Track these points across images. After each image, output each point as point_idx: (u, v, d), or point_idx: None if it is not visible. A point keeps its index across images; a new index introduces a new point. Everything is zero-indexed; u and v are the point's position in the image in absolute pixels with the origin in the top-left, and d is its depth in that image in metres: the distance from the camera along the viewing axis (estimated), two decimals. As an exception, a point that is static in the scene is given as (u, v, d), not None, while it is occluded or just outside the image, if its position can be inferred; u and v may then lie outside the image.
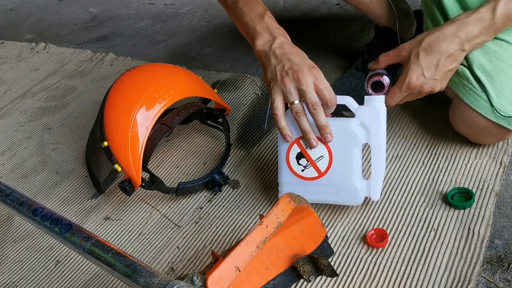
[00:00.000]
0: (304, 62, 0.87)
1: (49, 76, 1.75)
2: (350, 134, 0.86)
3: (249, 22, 0.96)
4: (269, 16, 0.95)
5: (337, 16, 1.60)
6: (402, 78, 0.88)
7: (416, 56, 0.87)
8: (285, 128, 0.88)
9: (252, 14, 0.96)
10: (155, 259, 0.96)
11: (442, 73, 0.87)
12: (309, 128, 0.86)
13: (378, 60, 0.93)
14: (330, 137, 0.86)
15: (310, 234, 0.76)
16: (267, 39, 0.92)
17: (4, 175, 1.29)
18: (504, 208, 0.89)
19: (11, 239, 1.10)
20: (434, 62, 0.86)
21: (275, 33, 0.92)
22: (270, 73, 0.89)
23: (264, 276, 0.70)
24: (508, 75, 0.89)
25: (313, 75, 0.85)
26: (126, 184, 0.98)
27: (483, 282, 0.78)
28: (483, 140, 0.98)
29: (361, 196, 0.90)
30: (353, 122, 0.87)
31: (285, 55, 0.88)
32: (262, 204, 1.02)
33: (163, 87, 1.05)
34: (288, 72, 0.86)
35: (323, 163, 0.89)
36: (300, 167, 0.91)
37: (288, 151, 0.90)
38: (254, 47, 0.94)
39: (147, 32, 1.95)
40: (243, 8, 0.97)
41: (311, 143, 0.87)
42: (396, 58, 0.91)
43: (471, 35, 0.86)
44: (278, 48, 0.90)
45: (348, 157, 0.87)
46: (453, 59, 0.87)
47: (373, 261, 0.85)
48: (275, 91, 0.87)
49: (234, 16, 1.01)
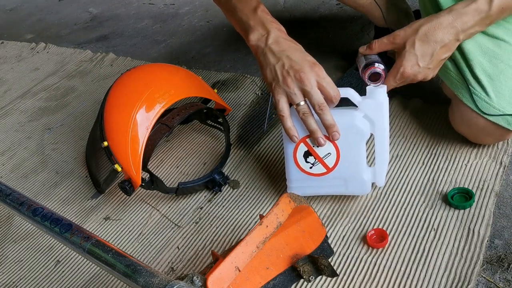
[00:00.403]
0: (304, 59, 0.86)
1: (49, 76, 1.75)
2: (356, 129, 0.86)
3: (242, 17, 0.94)
4: (262, 10, 0.93)
5: (337, 16, 1.60)
6: (396, 66, 0.88)
7: (412, 45, 0.86)
8: (292, 129, 0.87)
9: (245, 9, 0.94)
10: (155, 259, 0.96)
11: (436, 62, 0.88)
12: (316, 127, 0.86)
13: (370, 46, 0.91)
14: (337, 135, 0.86)
15: (310, 234, 0.76)
16: (261, 33, 0.90)
17: (4, 175, 1.29)
18: (504, 208, 0.89)
19: (11, 239, 1.10)
20: (429, 51, 0.86)
21: (269, 26, 0.90)
22: (270, 72, 0.87)
23: (264, 276, 0.70)
24: (507, 75, 0.89)
25: (315, 73, 0.84)
26: (126, 184, 0.98)
27: (483, 282, 0.78)
28: (483, 140, 0.98)
29: (368, 186, 0.92)
30: (358, 116, 0.86)
31: (283, 52, 0.87)
32: (262, 204, 1.02)
33: (163, 87, 1.05)
34: (289, 71, 0.84)
35: (331, 159, 0.89)
36: (308, 164, 0.91)
37: (295, 150, 0.90)
38: (248, 41, 0.92)
39: (147, 32, 1.95)
40: (236, 4, 0.95)
41: (320, 142, 0.86)
42: (390, 45, 0.89)
43: (466, 25, 0.85)
44: (274, 44, 0.88)
45: (355, 151, 0.88)
46: (447, 49, 0.87)
47: (373, 261, 0.85)
48: (278, 92, 0.86)
49: (227, 13, 0.99)
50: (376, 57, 0.91)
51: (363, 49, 0.93)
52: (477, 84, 0.90)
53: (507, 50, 0.90)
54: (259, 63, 0.91)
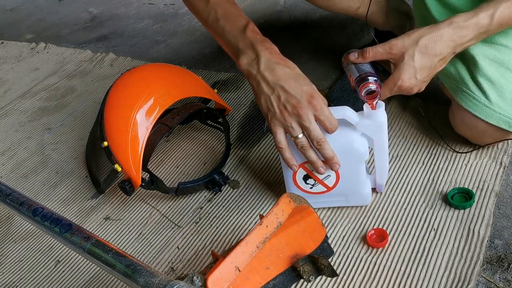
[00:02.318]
0: (300, 90, 0.81)
1: (49, 76, 1.75)
2: (355, 151, 0.85)
3: (231, 39, 0.89)
4: (251, 29, 0.88)
5: (337, 16, 1.60)
6: (393, 78, 0.84)
7: (411, 57, 0.82)
8: (291, 159, 0.86)
9: (233, 31, 0.89)
10: (155, 259, 0.96)
11: (432, 75, 0.86)
12: (316, 158, 0.85)
13: (364, 55, 0.86)
14: (337, 166, 0.85)
15: (310, 234, 0.76)
16: (251, 57, 0.85)
17: (4, 175, 1.29)
18: (504, 208, 0.89)
19: (11, 239, 1.10)
20: (428, 64, 0.83)
21: (259, 49, 0.84)
22: (265, 102, 0.83)
23: (264, 276, 0.70)
24: (508, 79, 0.89)
25: (313, 107, 0.80)
26: (126, 184, 0.98)
27: (483, 282, 0.78)
28: (484, 141, 0.98)
29: (369, 197, 0.93)
30: (356, 137, 0.85)
31: (277, 81, 0.82)
32: (262, 204, 1.02)
33: (163, 87, 1.05)
34: (286, 106, 0.81)
35: (330, 180, 0.90)
36: (308, 185, 0.91)
37: (294, 174, 0.90)
38: (238, 66, 0.87)
39: (147, 32, 1.95)
40: (225, 25, 0.90)
41: (320, 171, 0.86)
42: (385, 55, 0.85)
43: (465, 39, 0.84)
44: (267, 71, 0.83)
45: (355, 171, 0.88)
46: (444, 61, 0.86)
47: (373, 261, 0.85)
48: (275, 124, 0.83)
49: (216, 36, 0.94)
50: (368, 67, 0.86)
51: (354, 57, 0.88)
52: (477, 88, 0.90)
53: (507, 54, 0.90)
54: (252, 88, 0.87)
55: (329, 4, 1.19)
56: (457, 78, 0.93)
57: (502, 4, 0.82)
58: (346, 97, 1.22)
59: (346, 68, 0.90)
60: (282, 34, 1.63)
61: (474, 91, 0.90)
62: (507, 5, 0.82)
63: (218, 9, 0.92)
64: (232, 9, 0.92)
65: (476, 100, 0.90)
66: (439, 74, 0.92)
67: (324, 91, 1.26)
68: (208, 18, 0.94)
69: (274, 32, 1.63)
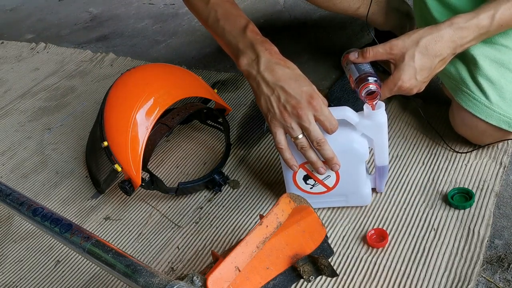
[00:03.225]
0: (300, 90, 0.81)
1: (49, 76, 1.75)
2: (355, 152, 0.85)
3: (231, 40, 0.89)
4: (252, 30, 0.88)
5: (337, 16, 1.60)
6: (393, 79, 0.84)
7: (411, 57, 0.82)
8: (291, 159, 0.86)
9: (233, 31, 0.89)
10: (155, 259, 0.96)
11: (431, 76, 0.86)
12: (316, 159, 0.85)
13: (364, 55, 0.86)
14: (337, 167, 0.85)
15: (310, 234, 0.76)
16: (251, 58, 0.85)
17: (4, 175, 1.29)
18: (504, 208, 0.89)
19: (11, 239, 1.10)
20: (428, 65, 0.83)
21: (259, 49, 0.84)
22: (265, 103, 0.84)
23: (264, 276, 0.70)
24: (508, 79, 0.89)
25: (313, 108, 0.80)
26: (126, 184, 0.98)
27: (483, 282, 0.78)
28: (484, 141, 0.98)
29: (369, 197, 0.93)
30: (355, 137, 0.85)
31: (277, 82, 0.82)
32: (262, 204, 1.02)
33: (163, 87, 1.05)
34: (286, 106, 0.81)
35: (330, 180, 0.90)
36: (308, 186, 0.91)
37: (294, 175, 0.90)
38: (238, 66, 0.88)
39: (147, 32, 1.95)
40: (225, 26, 0.90)
41: (320, 171, 0.86)
42: (385, 56, 0.85)
43: (465, 40, 0.84)
44: (267, 72, 0.83)
45: (355, 171, 0.88)
46: (443, 62, 0.86)
47: (373, 261, 0.85)
48: (275, 125, 0.83)
49: (216, 36, 0.94)
50: (368, 67, 0.86)
51: (354, 57, 0.88)
52: (477, 88, 0.90)
53: (507, 54, 0.90)
54: (252, 88, 0.87)
55: (329, 4, 1.19)
56: (457, 78, 0.93)
57: (502, 5, 0.82)
58: (346, 97, 1.22)
59: (346, 68, 0.90)
60: (282, 34, 1.63)
61: (474, 91, 0.90)
62: (508, 6, 0.82)
63: (218, 9, 0.92)
64: (232, 9, 0.92)
65: (476, 100, 0.90)
66: (439, 74, 0.92)
67: (324, 91, 1.26)
68: (208, 18, 0.94)
69: (274, 32, 1.64)
